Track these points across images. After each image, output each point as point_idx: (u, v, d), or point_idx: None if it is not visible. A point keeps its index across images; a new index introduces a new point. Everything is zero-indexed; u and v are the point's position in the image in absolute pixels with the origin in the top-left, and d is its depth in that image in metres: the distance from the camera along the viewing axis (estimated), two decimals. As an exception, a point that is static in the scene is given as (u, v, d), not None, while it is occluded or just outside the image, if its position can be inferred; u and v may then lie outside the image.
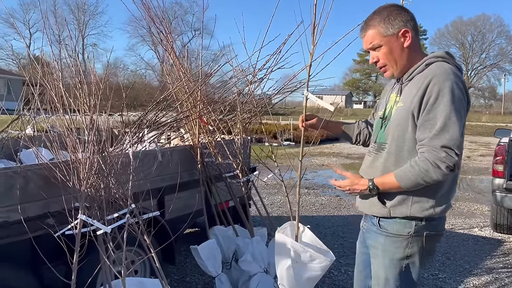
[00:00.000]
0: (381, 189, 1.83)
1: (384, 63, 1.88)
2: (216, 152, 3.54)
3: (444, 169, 1.68)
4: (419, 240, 1.85)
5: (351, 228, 5.64)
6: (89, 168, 2.30)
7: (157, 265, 2.34)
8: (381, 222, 1.90)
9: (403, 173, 1.75)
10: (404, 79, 1.89)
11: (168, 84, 3.69)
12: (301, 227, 2.27)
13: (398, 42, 1.83)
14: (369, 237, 2.00)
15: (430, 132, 1.70)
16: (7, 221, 2.29)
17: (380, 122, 1.97)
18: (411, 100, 1.78)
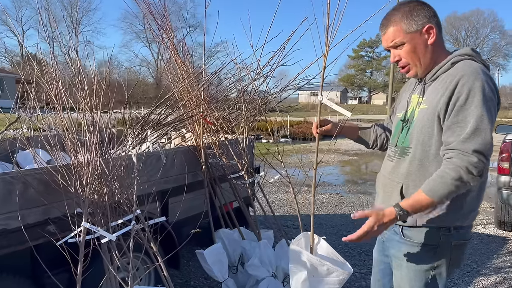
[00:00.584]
0: (411, 211, 1.64)
1: (406, 62, 1.77)
2: (221, 152, 3.43)
3: (476, 175, 1.56)
4: (446, 249, 1.74)
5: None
6: (92, 172, 2.19)
7: (165, 274, 2.23)
8: (404, 231, 1.78)
9: (434, 187, 1.59)
10: (427, 79, 1.77)
11: (170, 83, 3.58)
12: (316, 238, 2.18)
13: (422, 39, 1.72)
14: (391, 246, 1.88)
15: (459, 135, 1.58)
16: (6, 228, 2.18)
17: (400, 124, 1.86)
18: (437, 101, 1.67)
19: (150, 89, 33.81)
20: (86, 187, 2.18)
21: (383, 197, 1.87)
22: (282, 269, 3.01)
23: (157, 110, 3.02)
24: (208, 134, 3.48)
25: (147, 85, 38.09)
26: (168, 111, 2.99)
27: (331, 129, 2.07)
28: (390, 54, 1.82)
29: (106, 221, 2.21)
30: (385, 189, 1.86)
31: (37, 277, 2.30)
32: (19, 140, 3.78)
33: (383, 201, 1.85)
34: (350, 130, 2.18)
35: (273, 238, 3.41)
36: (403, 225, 1.77)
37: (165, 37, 3.48)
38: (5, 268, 2.16)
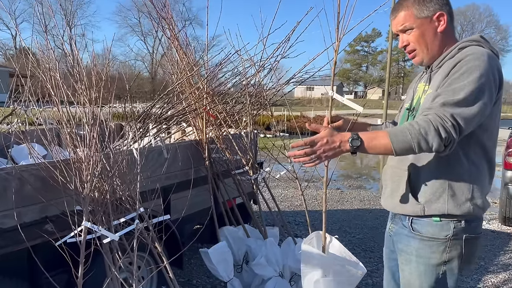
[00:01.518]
0: (366, 146, 1.51)
1: (414, 47, 1.73)
2: (224, 147, 3.32)
3: (442, 140, 1.46)
4: (458, 244, 1.66)
5: (357, 223, 5.48)
6: (92, 168, 2.07)
7: (171, 276, 2.12)
8: (413, 224, 1.70)
9: (399, 131, 1.50)
10: (434, 66, 1.73)
11: (170, 75, 3.45)
12: (328, 237, 2.09)
13: (432, 25, 1.69)
14: (399, 240, 1.79)
15: (444, 99, 1.50)
16: (1, 228, 2.05)
17: (406, 114, 1.80)
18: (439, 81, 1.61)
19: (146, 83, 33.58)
20: (86, 184, 2.06)
21: (391, 188, 1.80)
22: (289, 268, 2.91)
23: (158, 103, 2.90)
24: (211, 128, 3.36)
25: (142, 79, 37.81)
26: (171, 104, 2.87)
27: (342, 126, 2.01)
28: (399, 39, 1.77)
29: (107, 219, 2.09)
30: (393, 179, 1.78)
31: (35, 279, 2.18)
32: (13, 134, 3.66)
33: (392, 191, 1.78)
34: (361, 127, 2.10)
35: (278, 236, 3.31)
36: (412, 217, 1.70)
37: (165, 27, 3.35)
38: (0, 270, 2.04)
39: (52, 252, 2.00)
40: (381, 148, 1.52)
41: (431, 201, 1.64)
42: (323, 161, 1.55)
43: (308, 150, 1.51)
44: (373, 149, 1.53)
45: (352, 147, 1.51)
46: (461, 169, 1.61)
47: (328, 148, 1.51)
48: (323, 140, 1.51)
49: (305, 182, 8.12)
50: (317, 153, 1.51)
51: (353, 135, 1.51)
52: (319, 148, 1.51)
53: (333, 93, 2.09)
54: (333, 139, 1.51)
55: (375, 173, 9.94)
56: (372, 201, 6.78)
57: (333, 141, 1.51)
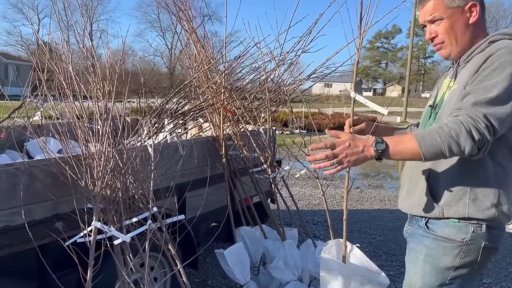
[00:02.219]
0: (391, 150, 1.40)
1: (442, 39, 1.60)
2: (242, 144, 3.19)
3: (476, 142, 1.33)
4: (474, 250, 1.52)
5: (377, 224, 5.30)
6: (104, 164, 1.97)
7: (184, 280, 2.01)
8: (429, 224, 1.58)
9: (427, 134, 1.39)
10: (461, 61, 1.59)
11: (188, 69, 3.34)
12: (349, 246, 1.96)
13: (463, 16, 1.56)
14: (413, 240, 1.67)
15: (475, 98, 1.38)
16: (10, 225, 1.97)
17: (429, 111, 1.67)
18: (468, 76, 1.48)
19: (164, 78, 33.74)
20: (97, 181, 1.96)
21: (408, 188, 1.68)
22: (308, 272, 2.77)
23: (174, 98, 2.79)
24: (229, 124, 3.23)
25: (161, 74, 38.03)
26: (187, 98, 2.76)
27: (365, 129, 1.90)
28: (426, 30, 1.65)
29: (119, 219, 1.99)
30: (411, 179, 1.66)
31: (44, 279, 2.10)
32: (29, 128, 3.61)
33: (408, 192, 1.66)
34: (386, 131, 1.98)
35: (297, 237, 3.17)
36: (428, 218, 1.57)
37: (183, 20, 3.24)
38: (9, 269, 1.96)
39: (63, 250, 1.91)
40: (408, 153, 1.41)
41: (450, 204, 1.52)
42: (346, 167, 1.42)
43: (330, 153, 1.40)
44: (399, 154, 1.42)
45: (377, 152, 1.40)
46: (485, 172, 1.48)
47: (351, 152, 1.40)
48: (345, 143, 1.41)
49: (323, 180, 7.98)
50: (339, 157, 1.40)
51: (378, 139, 1.41)
52: (341, 152, 1.40)
53: (355, 94, 1.98)
54: (356, 143, 1.41)
55: (393, 172, 9.69)
56: (392, 201, 6.57)
57: (356, 145, 1.41)
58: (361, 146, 1.41)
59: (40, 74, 2.50)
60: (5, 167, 1.96)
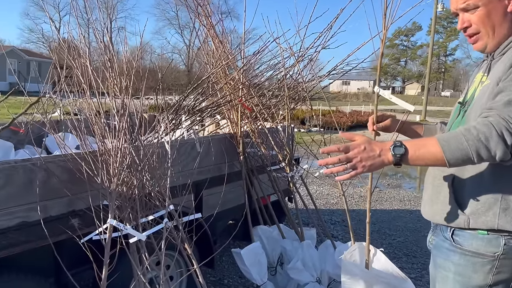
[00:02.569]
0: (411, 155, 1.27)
1: (477, 29, 1.44)
2: (260, 142, 3.13)
3: (508, 147, 1.19)
4: (509, 266, 1.36)
5: (397, 225, 5.18)
6: (120, 161, 1.93)
7: (201, 280, 1.96)
8: (455, 236, 1.43)
9: (452, 138, 1.25)
10: (496, 54, 1.44)
11: (205, 65, 3.29)
12: (372, 249, 1.85)
13: (501, 4, 1.40)
14: (438, 255, 1.51)
15: (509, 96, 1.25)
16: (27, 221, 1.96)
17: (457, 108, 1.53)
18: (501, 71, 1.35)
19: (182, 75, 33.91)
20: (113, 178, 1.93)
21: (431, 193, 1.53)
22: (327, 273, 2.70)
23: (192, 94, 2.74)
24: (246, 121, 3.18)
25: (179, 71, 38.23)
26: (205, 95, 2.71)
27: (390, 126, 1.76)
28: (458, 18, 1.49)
29: (135, 216, 1.96)
30: (434, 182, 1.51)
31: (60, 276, 2.08)
32: (48, 123, 3.62)
33: (431, 197, 1.52)
34: (413, 128, 1.82)
35: (316, 238, 3.10)
36: (454, 228, 1.42)
37: (202, 15, 3.19)
38: (25, 265, 1.95)
39: (79, 248, 1.89)
40: (430, 158, 1.27)
41: (478, 213, 1.37)
42: (360, 173, 1.28)
43: (343, 157, 1.26)
44: (421, 160, 1.28)
45: (395, 156, 1.27)
46: None
47: (366, 157, 1.27)
48: (360, 146, 1.27)
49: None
50: (353, 162, 1.26)
51: (396, 142, 1.28)
52: (355, 156, 1.26)
53: (379, 89, 1.89)
54: (372, 146, 1.28)
55: (412, 171, 9.49)
56: (412, 202, 6.43)
57: (372, 149, 1.28)
58: (378, 150, 1.28)
59: (59, 71, 2.49)
60: (22, 162, 1.95)
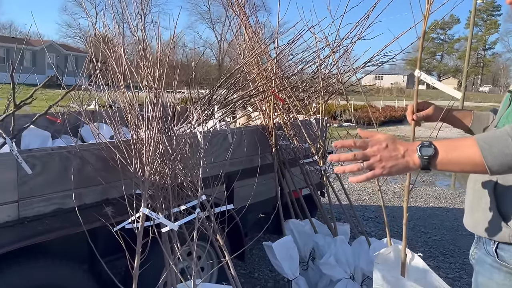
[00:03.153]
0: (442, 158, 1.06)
1: None
2: (292, 134, 3.07)
3: None
4: None
5: (433, 223, 5.00)
6: (153, 150, 1.92)
7: (232, 273, 1.93)
8: (500, 251, 1.24)
9: (495, 138, 1.06)
10: None
11: (238, 55, 3.25)
12: (409, 254, 1.73)
13: None
14: (481, 271, 1.33)
15: None
16: (62, 208, 1.98)
17: (507, 98, 1.35)
18: None
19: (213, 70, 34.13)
20: (146, 167, 1.92)
21: (472, 197, 1.35)
22: (360, 270, 2.62)
23: (225, 84, 2.71)
24: (279, 113, 3.12)
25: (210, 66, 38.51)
26: (237, 85, 2.67)
27: (432, 115, 1.56)
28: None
29: (167, 206, 1.94)
30: (474, 187, 1.34)
31: (93, 263, 2.10)
32: (84, 114, 3.69)
33: (472, 204, 1.35)
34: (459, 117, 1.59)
35: (349, 233, 3.02)
36: (498, 242, 1.24)
37: (235, 4, 3.15)
38: (59, 251, 1.97)
39: (111, 236, 1.90)
40: (466, 163, 1.07)
41: None
42: (378, 175, 1.07)
43: (359, 154, 1.06)
44: (454, 164, 1.07)
45: (422, 158, 1.06)
46: None
47: (388, 156, 1.06)
48: (381, 144, 1.07)
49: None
50: (371, 161, 1.06)
51: (424, 142, 1.08)
52: (374, 154, 1.06)
53: (420, 73, 1.73)
54: (395, 145, 1.08)
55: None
56: (449, 199, 6.20)
57: (395, 148, 1.07)
58: (402, 150, 1.07)
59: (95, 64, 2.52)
60: (58, 149, 1.97)
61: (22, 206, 1.85)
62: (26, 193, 1.85)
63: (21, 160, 1.80)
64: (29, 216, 1.87)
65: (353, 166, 1.07)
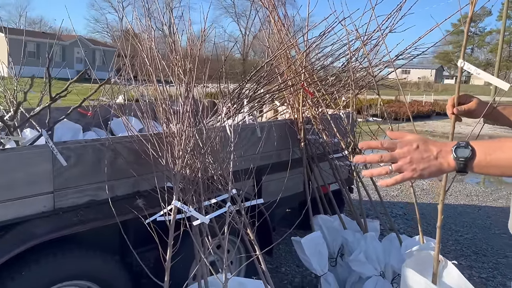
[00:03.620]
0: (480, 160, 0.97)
1: None
2: (321, 128, 3.02)
3: None
4: None
5: (464, 221, 4.87)
6: (185, 143, 1.92)
7: (263, 267, 1.92)
8: None
9: None
10: None
11: (267, 48, 3.22)
12: (443, 261, 1.65)
13: None
14: None
15: None
16: (95, 200, 2.01)
17: None
18: None
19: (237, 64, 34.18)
20: (178, 160, 1.92)
21: None
22: (391, 267, 2.56)
23: (254, 78, 2.69)
24: (307, 107, 3.08)
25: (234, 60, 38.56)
26: (267, 78, 2.64)
27: (474, 110, 1.46)
28: None
29: (198, 199, 1.94)
30: None
31: (124, 255, 2.13)
32: (113, 107, 3.75)
33: None
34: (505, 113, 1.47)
35: (379, 230, 2.96)
36: None
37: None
38: (93, 242, 2.01)
39: (142, 228, 1.91)
40: (507, 165, 0.97)
41: None
42: (409, 178, 1.00)
43: (386, 156, 1.00)
44: (494, 167, 0.98)
45: (458, 160, 0.97)
46: None
47: (419, 158, 0.98)
48: (412, 144, 1.00)
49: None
50: (400, 163, 0.99)
51: (460, 142, 0.99)
52: (403, 156, 0.99)
53: (463, 63, 1.62)
54: (428, 146, 1.00)
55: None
56: (480, 197, 6.02)
57: (427, 149, 0.99)
58: (435, 151, 0.99)
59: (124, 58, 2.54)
60: (91, 142, 2.00)
61: (58, 197, 1.88)
62: (61, 184, 1.88)
63: (56, 152, 1.83)
64: (63, 207, 1.91)
65: (381, 169, 1.01)
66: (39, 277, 1.79)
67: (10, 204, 1.76)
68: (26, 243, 1.71)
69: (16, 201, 1.78)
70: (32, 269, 1.76)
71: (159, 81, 2.24)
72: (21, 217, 1.79)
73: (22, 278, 1.74)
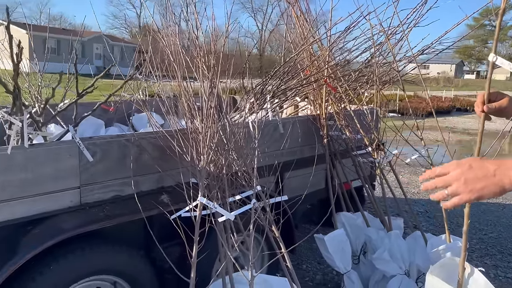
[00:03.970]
0: None
1: None
2: (344, 124, 2.98)
3: None
4: None
5: (488, 219, 4.76)
6: (209, 140, 1.91)
7: (288, 265, 1.91)
8: None
9: None
10: None
11: (289, 43, 3.19)
12: (468, 268, 1.58)
13: None
14: None
15: None
16: (120, 195, 2.03)
17: None
18: None
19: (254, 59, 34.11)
20: (202, 156, 1.91)
21: None
22: (416, 266, 2.52)
23: (277, 74, 2.66)
24: (330, 102, 3.04)
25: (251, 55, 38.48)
26: (290, 74, 2.61)
27: (506, 107, 1.35)
28: None
29: (222, 195, 1.94)
30: None
31: (149, 250, 2.14)
32: (135, 103, 3.77)
33: None
34: None
35: (403, 228, 2.91)
36: None
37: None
38: (118, 237, 2.02)
39: (166, 223, 1.92)
40: None
41: None
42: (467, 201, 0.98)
43: (439, 182, 1.00)
44: None
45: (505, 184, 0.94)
46: None
47: (473, 178, 0.97)
48: (464, 165, 0.99)
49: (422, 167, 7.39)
50: (454, 186, 0.98)
51: None
52: (456, 178, 0.98)
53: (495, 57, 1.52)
54: (482, 163, 0.98)
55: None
56: (504, 195, 5.87)
57: (482, 166, 0.97)
58: (492, 168, 0.96)
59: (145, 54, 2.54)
60: (117, 137, 2.01)
61: (84, 192, 1.90)
62: (87, 179, 1.90)
63: (83, 148, 1.85)
64: (90, 202, 1.93)
65: (438, 194, 1.01)
66: (67, 272, 1.81)
67: (39, 199, 1.79)
68: (55, 238, 1.73)
69: (44, 195, 1.80)
70: (61, 264, 1.78)
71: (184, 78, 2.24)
72: (48, 211, 1.82)
73: (51, 272, 1.76)
